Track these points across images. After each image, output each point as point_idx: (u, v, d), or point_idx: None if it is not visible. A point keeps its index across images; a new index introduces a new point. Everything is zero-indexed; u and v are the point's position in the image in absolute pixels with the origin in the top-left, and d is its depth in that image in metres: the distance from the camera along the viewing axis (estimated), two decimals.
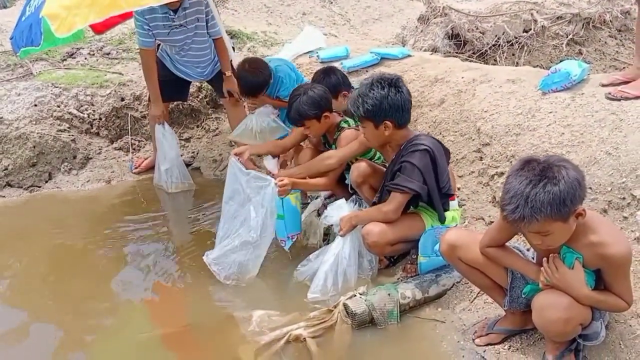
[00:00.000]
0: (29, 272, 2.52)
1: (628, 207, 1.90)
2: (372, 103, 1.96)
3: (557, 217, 1.35)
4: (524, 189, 1.35)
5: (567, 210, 1.35)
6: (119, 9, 2.21)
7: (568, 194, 1.33)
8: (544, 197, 1.32)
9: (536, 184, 1.34)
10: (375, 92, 1.96)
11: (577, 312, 1.48)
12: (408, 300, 1.99)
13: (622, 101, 2.22)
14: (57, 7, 2.15)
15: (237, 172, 2.38)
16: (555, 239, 1.42)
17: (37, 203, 3.20)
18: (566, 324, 1.47)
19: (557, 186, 1.33)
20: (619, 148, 2.04)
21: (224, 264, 2.28)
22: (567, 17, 4.33)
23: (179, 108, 3.81)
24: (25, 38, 2.34)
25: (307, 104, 2.35)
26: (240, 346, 1.94)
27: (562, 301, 1.47)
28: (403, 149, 2.05)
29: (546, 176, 1.34)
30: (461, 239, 1.72)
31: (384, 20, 4.92)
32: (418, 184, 2.00)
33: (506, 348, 1.76)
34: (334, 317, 1.97)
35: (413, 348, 1.89)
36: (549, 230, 1.38)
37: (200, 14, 2.97)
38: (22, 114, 3.36)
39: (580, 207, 1.38)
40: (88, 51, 3.95)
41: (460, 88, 2.86)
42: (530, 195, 1.34)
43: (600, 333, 1.55)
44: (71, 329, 2.13)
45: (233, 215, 2.36)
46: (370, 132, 2.05)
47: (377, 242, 2.06)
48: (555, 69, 2.52)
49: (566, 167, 1.36)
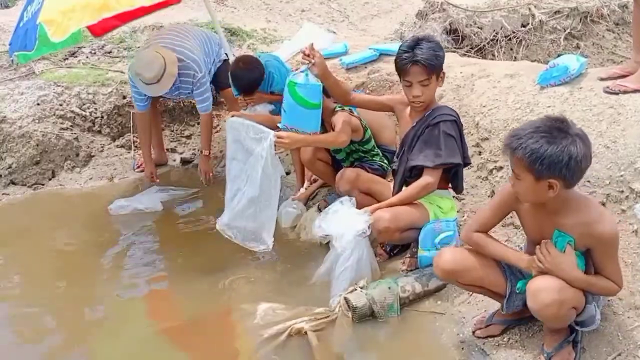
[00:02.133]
0: (33, 269, 2.55)
1: (626, 200, 1.91)
2: (442, 55, 2.02)
3: (530, 167, 1.42)
4: (531, 128, 1.43)
5: (540, 170, 1.40)
6: (111, 10, 2.25)
7: (550, 158, 1.38)
8: (533, 144, 1.40)
9: (540, 132, 1.41)
10: (436, 41, 2.04)
11: (570, 295, 1.51)
12: (408, 294, 2.01)
13: (620, 95, 2.23)
14: (53, 12, 2.19)
15: (238, 126, 2.34)
16: (522, 188, 1.49)
17: (41, 201, 3.23)
18: (560, 306, 1.49)
19: (550, 146, 1.39)
20: (617, 141, 2.05)
21: (237, 227, 2.25)
22: (564, 11, 4.34)
23: (179, 105, 3.83)
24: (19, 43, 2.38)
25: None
26: (243, 339, 1.97)
27: (555, 284, 1.50)
28: (428, 115, 2.06)
29: (551, 133, 1.40)
30: (457, 263, 1.70)
31: (383, 16, 4.91)
32: (459, 156, 2.05)
33: (505, 340, 1.78)
34: (335, 310, 2.00)
35: (413, 341, 1.92)
36: (521, 176, 1.46)
37: (188, 91, 3.03)
38: (25, 112, 3.39)
39: (555, 181, 1.42)
40: (89, 50, 3.97)
41: (459, 83, 2.87)
42: (528, 135, 1.42)
43: (595, 316, 1.57)
44: (74, 325, 2.15)
45: (237, 174, 2.33)
46: (434, 85, 2.05)
47: (388, 227, 2.03)
48: (553, 64, 2.53)
49: (575, 141, 1.40)
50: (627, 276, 1.76)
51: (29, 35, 2.30)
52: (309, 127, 2.15)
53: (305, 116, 2.17)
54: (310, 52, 2.11)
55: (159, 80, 2.85)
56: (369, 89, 3.32)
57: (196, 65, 2.98)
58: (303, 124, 2.17)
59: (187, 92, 3.05)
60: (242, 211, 2.24)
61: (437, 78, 2.04)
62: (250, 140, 2.31)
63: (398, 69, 2.05)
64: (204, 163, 3.17)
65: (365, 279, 2.08)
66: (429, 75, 2.00)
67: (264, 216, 2.25)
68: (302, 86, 2.14)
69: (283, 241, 2.60)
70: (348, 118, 2.37)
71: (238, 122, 2.39)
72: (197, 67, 2.98)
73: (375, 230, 2.08)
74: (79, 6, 2.16)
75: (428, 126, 2.06)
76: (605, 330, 1.66)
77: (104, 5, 2.18)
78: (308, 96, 2.15)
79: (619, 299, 1.73)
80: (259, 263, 2.45)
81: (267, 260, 2.47)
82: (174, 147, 3.74)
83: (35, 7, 2.33)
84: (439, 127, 2.03)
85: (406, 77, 2.03)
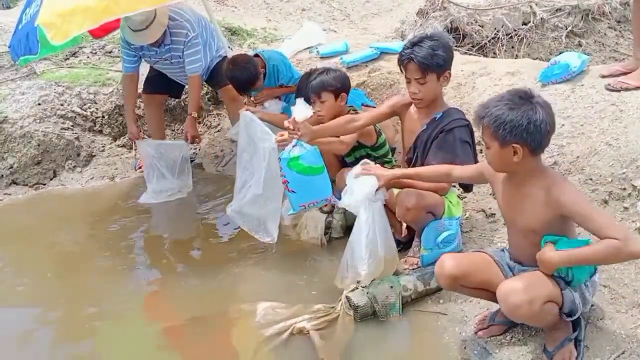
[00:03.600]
0: (34, 268, 2.55)
1: (629, 197, 1.91)
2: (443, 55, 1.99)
3: (494, 134, 1.50)
4: (498, 99, 1.53)
5: (503, 135, 1.48)
6: (112, 14, 2.23)
7: (511, 123, 1.46)
8: (496, 112, 1.49)
9: (505, 101, 1.50)
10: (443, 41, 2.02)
11: (537, 290, 1.50)
12: (410, 293, 2.01)
13: (622, 92, 2.23)
14: (51, 15, 2.17)
15: (249, 121, 2.38)
16: (490, 156, 1.58)
17: (42, 200, 3.23)
18: (530, 304, 1.48)
19: (511, 112, 1.47)
20: (619, 139, 2.05)
21: (244, 216, 2.34)
22: (566, 9, 4.32)
23: (180, 105, 3.83)
24: (23, 47, 2.37)
25: (331, 76, 2.37)
26: (245, 338, 1.97)
27: (520, 284, 1.52)
28: (440, 119, 2.05)
29: (514, 101, 1.49)
30: (460, 268, 1.69)
31: (383, 14, 4.91)
32: (473, 162, 2.04)
33: (508, 338, 1.77)
34: (337, 309, 2.00)
35: (415, 340, 1.92)
36: (489, 144, 1.54)
37: (179, 52, 2.97)
38: (27, 112, 3.39)
39: (518, 146, 1.48)
40: (90, 50, 3.97)
41: (460, 81, 2.87)
42: (494, 104, 1.52)
43: (576, 301, 1.54)
44: (75, 324, 2.15)
45: (245, 166, 2.39)
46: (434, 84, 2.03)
47: (416, 204, 1.98)
48: (554, 61, 2.53)
49: (535, 108, 1.47)
50: (631, 274, 1.76)
51: (31, 38, 2.30)
52: (324, 193, 2.11)
53: (316, 184, 2.13)
54: (294, 125, 2.07)
55: (147, 26, 2.76)
56: (370, 88, 3.31)
57: (189, 24, 2.94)
58: (317, 193, 2.14)
59: (178, 54, 2.97)
60: (247, 204, 2.33)
61: (438, 78, 2.01)
62: (257, 138, 2.33)
63: (398, 65, 2.06)
64: (190, 125, 3.08)
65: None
66: (424, 73, 1.98)
67: (268, 208, 2.29)
68: (302, 157, 2.10)
69: (283, 240, 2.60)
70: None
71: (250, 116, 2.42)
72: (190, 26, 2.94)
73: (402, 208, 2.02)
74: (79, 9, 2.13)
75: (442, 131, 2.03)
76: (609, 328, 1.65)
77: (106, 10, 2.16)
78: (312, 161, 2.11)
79: (622, 298, 1.72)
80: (258, 262, 2.45)
81: (266, 260, 2.46)
82: None
83: (34, 10, 2.32)
84: (454, 134, 2.01)
85: (405, 73, 2.04)
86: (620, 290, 1.75)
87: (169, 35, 2.91)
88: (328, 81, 2.36)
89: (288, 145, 2.14)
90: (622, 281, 1.76)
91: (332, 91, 2.37)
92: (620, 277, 1.77)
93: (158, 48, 2.96)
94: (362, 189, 1.90)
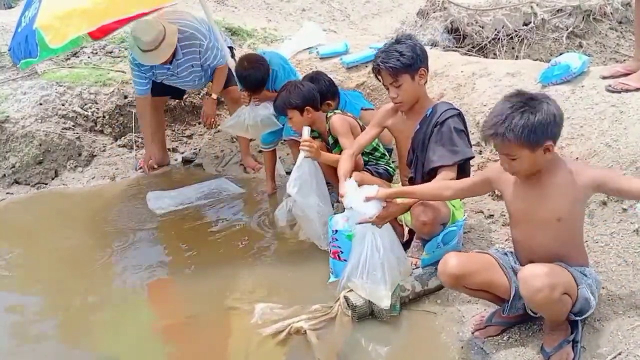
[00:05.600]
0: (36, 267, 2.57)
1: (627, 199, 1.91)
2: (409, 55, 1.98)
3: (525, 142, 1.48)
4: (506, 110, 1.49)
5: (536, 139, 1.47)
6: (110, 17, 2.24)
7: (541, 124, 1.46)
8: (519, 121, 1.46)
9: (517, 109, 1.48)
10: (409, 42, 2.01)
11: (559, 278, 1.53)
12: (408, 293, 2.01)
13: (622, 93, 2.23)
14: (50, 18, 2.17)
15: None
16: (520, 165, 1.54)
17: (44, 200, 3.25)
18: (552, 290, 1.49)
19: (535, 115, 1.46)
20: (619, 140, 2.04)
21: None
22: (567, 9, 4.31)
23: (180, 105, 3.84)
24: (23, 50, 2.38)
25: (293, 94, 2.43)
26: (242, 338, 1.97)
27: (544, 269, 1.53)
28: (431, 114, 2.04)
29: (528, 105, 1.48)
30: (463, 267, 1.69)
31: (383, 15, 4.91)
32: (471, 148, 2.05)
33: (505, 339, 1.78)
34: (335, 309, 2.00)
35: (413, 339, 1.92)
36: (516, 154, 1.51)
37: (196, 60, 3.01)
38: (28, 112, 3.41)
39: (549, 143, 1.50)
40: (91, 50, 3.99)
41: (460, 82, 2.87)
42: (509, 116, 1.48)
43: (590, 300, 1.58)
44: (75, 323, 2.17)
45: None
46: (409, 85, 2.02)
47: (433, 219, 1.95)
48: (555, 62, 2.53)
49: (548, 103, 1.49)
50: (628, 275, 1.76)
51: (30, 41, 2.30)
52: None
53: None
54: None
55: (156, 47, 2.79)
56: (369, 89, 3.32)
57: (199, 34, 2.96)
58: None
59: (196, 62, 3.01)
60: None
61: (412, 77, 2.01)
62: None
63: (375, 76, 2.11)
64: (209, 106, 3.14)
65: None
66: (395, 77, 1.99)
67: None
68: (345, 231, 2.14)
69: (281, 240, 2.61)
70: (346, 122, 2.38)
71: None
72: (201, 35, 2.96)
73: (418, 223, 2.00)
74: (77, 12, 2.14)
75: (435, 125, 2.02)
76: (606, 329, 1.65)
77: (104, 12, 2.17)
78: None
79: (620, 299, 1.72)
80: (255, 262, 2.46)
81: (264, 259, 2.47)
82: (175, 147, 3.76)
83: (32, 12, 2.33)
84: (448, 124, 1.99)
85: (382, 82, 2.08)
86: (617, 291, 1.74)
87: (180, 50, 2.93)
88: (288, 100, 2.43)
89: (342, 219, 2.17)
90: (619, 282, 1.76)
91: (294, 108, 2.44)
92: (618, 279, 1.77)
93: (170, 65, 2.99)
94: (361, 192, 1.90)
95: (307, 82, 2.55)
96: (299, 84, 2.51)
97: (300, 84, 2.51)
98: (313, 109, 2.46)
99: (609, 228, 1.90)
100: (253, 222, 2.81)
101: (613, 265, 1.80)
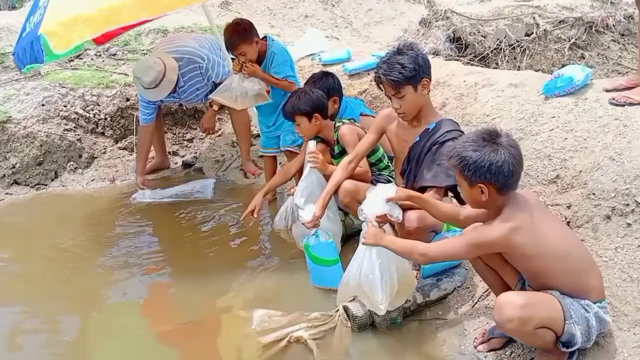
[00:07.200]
0: (34, 269, 2.54)
1: (632, 213, 1.88)
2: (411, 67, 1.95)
3: (462, 174, 1.56)
4: (465, 140, 1.58)
5: (469, 175, 1.53)
6: (114, 24, 2.26)
7: (475, 164, 1.51)
8: (462, 152, 1.54)
9: (469, 141, 1.56)
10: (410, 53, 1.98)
11: (535, 311, 1.48)
12: (409, 304, 1.99)
13: (626, 107, 2.22)
14: (54, 24, 2.19)
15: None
16: (463, 194, 1.66)
17: (43, 201, 3.24)
18: (523, 324, 1.47)
19: (474, 153, 1.52)
20: (623, 154, 2.03)
21: None
22: (569, 21, 4.33)
23: (182, 109, 3.83)
24: (28, 55, 2.39)
25: (302, 100, 2.41)
26: (242, 346, 1.95)
27: (519, 299, 1.51)
28: (434, 130, 2.03)
29: (478, 143, 1.54)
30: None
31: (386, 23, 4.91)
32: None
33: (508, 354, 1.76)
34: (335, 319, 1.98)
35: (414, 352, 1.90)
36: (460, 182, 1.61)
37: (199, 83, 3.08)
38: (30, 113, 3.41)
39: (483, 186, 1.53)
40: (94, 52, 3.98)
41: (462, 92, 2.87)
42: (461, 145, 1.56)
43: (576, 336, 1.50)
44: (73, 326, 2.15)
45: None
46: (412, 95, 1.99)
47: (418, 227, 1.94)
48: (558, 74, 2.52)
49: (497, 150, 1.51)
50: (633, 291, 1.74)
51: (35, 47, 2.31)
52: (333, 283, 2.12)
53: (326, 274, 2.21)
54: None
55: (157, 85, 2.92)
56: (371, 96, 3.31)
57: (197, 57, 3.02)
58: (327, 281, 2.21)
59: (199, 79, 3.07)
60: None
61: (414, 88, 1.98)
62: None
63: (377, 85, 2.09)
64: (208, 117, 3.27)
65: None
66: (397, 89, 1.98)
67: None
68: (312, 247, 2.21)
69: (279, 246, 2.60)
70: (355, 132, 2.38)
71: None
72: (199, 58, 3.02)
73: (404, 231, 1.98)
74: (81, 19, 2.15)
75: (435, 143, 2.01)
76: (610, 346, 1.64)
77: (108, 19, 2.19)
78: (323, 254, 2.20)
79: (625, 315, 1.71)
80: (254, 268, 2.44)
81: (262, 266, 2.46)
82: (175, 151, 3.75)
83: (37, 18, 2.34)
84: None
85: (384, 92, 2.07)
86: (622, 307, 1.72)
87: (181, 77, 3.02)
88: (297, 106, 2.42)
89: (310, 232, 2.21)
90: (624, 298, 1.74)
91: (303, 114, 2.42)
92: (623, 295, 1.75)
93: (174, 93, 3.08)
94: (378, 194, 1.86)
95: (316, 89, 2.52)
96: (309, 90, 2.48)
97: (310, 90, 2.48)
98: (321, 117, 2.45)
99: (613, 242, 1.88)
100: (252, 228, 2.79)
101: (617, 281, 1.78)
